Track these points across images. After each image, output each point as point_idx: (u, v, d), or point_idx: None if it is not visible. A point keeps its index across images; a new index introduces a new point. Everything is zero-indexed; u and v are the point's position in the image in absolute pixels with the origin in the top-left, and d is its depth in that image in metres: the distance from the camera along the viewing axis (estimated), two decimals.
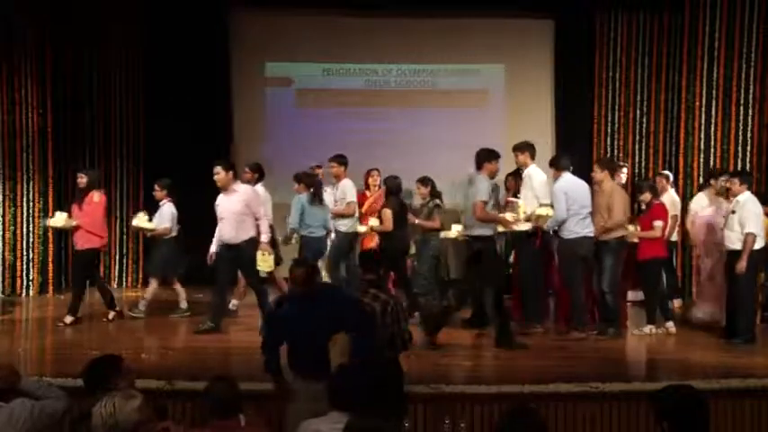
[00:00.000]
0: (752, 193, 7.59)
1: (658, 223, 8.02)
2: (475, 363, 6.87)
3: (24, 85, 9.89)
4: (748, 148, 9.84)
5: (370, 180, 9.73)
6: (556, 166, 7.96)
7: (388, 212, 8.55)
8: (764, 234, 7.59)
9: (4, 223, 9.94)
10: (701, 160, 9.92)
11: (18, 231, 9.98)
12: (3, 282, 10.03)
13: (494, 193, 7.53)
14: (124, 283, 10.98)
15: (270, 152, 11.50)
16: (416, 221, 8.81)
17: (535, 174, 8.08)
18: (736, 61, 9.76)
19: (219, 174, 7.73)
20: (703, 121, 9.91)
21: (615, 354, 7.25)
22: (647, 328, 7.98)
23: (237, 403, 3.90)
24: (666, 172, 9.79)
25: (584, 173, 10.80)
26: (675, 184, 9.78)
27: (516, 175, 10.37)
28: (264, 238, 7.68)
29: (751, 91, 9.78)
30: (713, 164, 9.87)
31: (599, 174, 7.91)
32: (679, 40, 10.48)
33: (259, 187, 8.85)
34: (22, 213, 10.00)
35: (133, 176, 11.17)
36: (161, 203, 8.84)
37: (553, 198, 7.77)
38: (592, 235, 7.71)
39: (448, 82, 11.62)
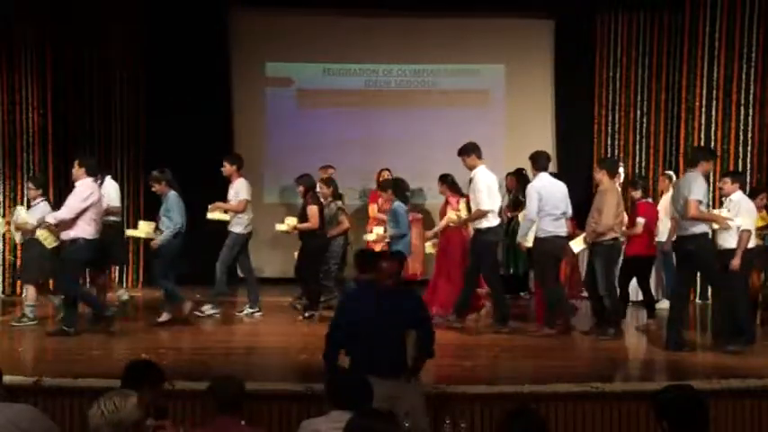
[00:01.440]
0: (753, 191, 7.62)
1: (640, 220, 8.14)
2: (475, 363, 6.86)
3: (24, 85, 9.89)
4: (748, 148, 9.83)
5: (381, 178, 9.70)
6: (534, 165, 7.97)
7: (314, 209, 8.55)
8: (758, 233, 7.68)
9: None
10: None
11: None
12: (3, 282, 10.03)
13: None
14: (124, 283, 10.96)
15: (270, 152, 11.52)
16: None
17: (482, 176, 8.05)
18: (736, 61, 9.75)
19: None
20: (703, 121, 9.91)
21: (615, 354, 7.25)
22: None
23: (241, 402, 3.92)
24: (670, 172, 9.80)
25: (585, 173, 10.88)
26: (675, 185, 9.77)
27: (516, 175, 10.43)
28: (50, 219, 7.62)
29: (751, 91, 9.78)
30: (713, 164, 9.85)
31: (598, 173, 7.93)
32: (679, 40, 10.48)
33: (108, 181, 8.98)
34: None
35: (133, 176, 11.17)
36: (34, 202, 8.47)
37: (527, 197, 7.84)
38: (565, 235, 7.79)
39: (448, 82, 11.62)
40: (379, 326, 4.81)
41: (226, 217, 8.71)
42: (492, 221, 7.96)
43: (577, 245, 7.92)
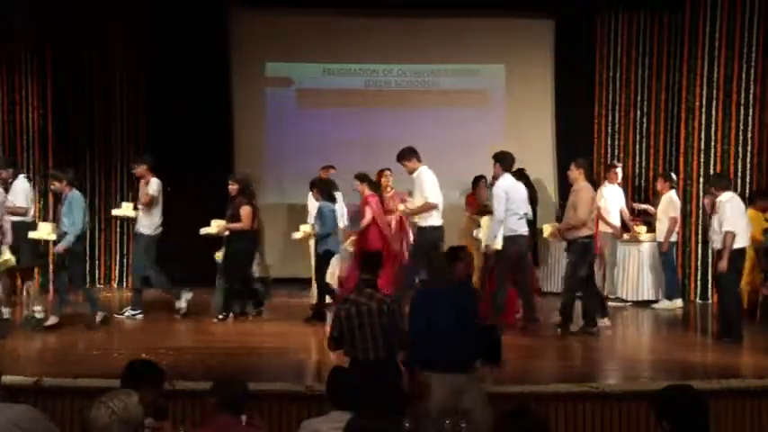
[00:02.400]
0: (753, 192, 7.62)
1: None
2: None
3: (24, 85, 9.89)
4: (748, 148, 9.82)
5: (383, 180, 9.70)
6: (502, 165, 8.01)
7: (248, 209, 8.41)
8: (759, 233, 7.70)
9: None
10: (701, 160, 9.90)
11: None
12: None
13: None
14: (124, 283, 10.97)
15: (270, 152, 11.52)
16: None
17: (426, 175, 8.18)
18: (736, 61, 9.75)
19: None
20: (703, 121, 9.90)
21: (615, 354, 7.25)
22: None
23: (244, 402, 3.92)
24: (671, 174, 9.79)
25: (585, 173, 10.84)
26: (675, 185, 9.77)
27: (518, 175, 10.41)
28: None
29: (751, 91, 9.77)
30: (713, 164, 9.87)
31: (573, 172, 8.03)
32: (679, 40, 10.47)
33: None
34: None
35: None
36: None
37: (494, 198, 7.89)
38: (527, 234, 7.97)
39: (448, 82, 11.61)
40: (450, 323, 4.90)
41: (131, 214, 8.61)
42: (437, 220, 8.11)
43: (546, 230, 8.26)
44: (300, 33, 11.30)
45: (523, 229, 7.88)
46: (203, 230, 8.59)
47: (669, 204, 9.49)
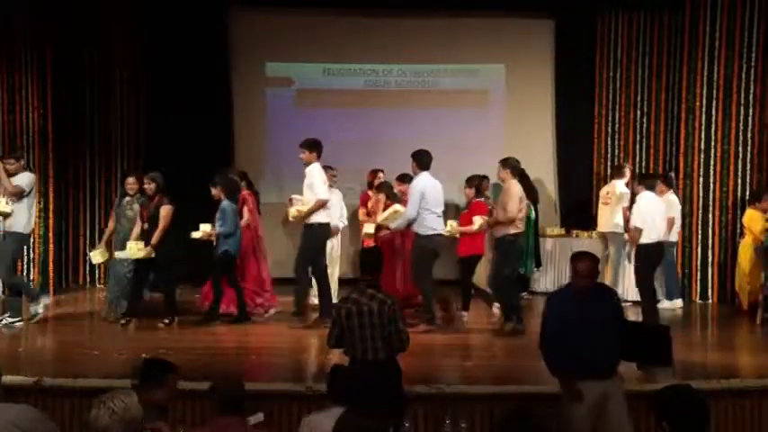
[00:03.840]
0: (754, 192, 7.62)
1: (478, 219, 8.32)
2: (475, 363, 6.87)
3: (24, 85, 9.88)
4: (748, 148, 9.82)
5: (376, 180, 9.70)
6: (418, 164, 8.04)
7: (168, 209, 8.14)
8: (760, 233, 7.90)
9: None
10: (701, 160, 9.90)
11: None
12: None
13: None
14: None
15: (270, 152, 11.52)
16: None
17: (318, 170, 8.22)
18: (736, 61, 9.74)
19: None
20: (703, 121, 9.89)
21: None
22: None
23: (242, 403, 3.92)
24: (670, 174, 9.78)
25: (585, 173, 10.87)
26: (675, 185, 9.77)
27: (519, 175, 10.42)
28: None
29: (751, 91, 9.76)
30: (713, 164, 9.87)
31: (501, 172, 8.09)
32: (679, 40, 10.47)
33: None
34: None
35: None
36: None
37: (410, 195, 7.98)
38: (444, 232, 8.05)
39: (448, 82, 11.60)
40: (583, 328, 4.76)
41: (7, 209, 7.87)
42: (325, 217, 8.19)
43: (476, 222, 8.31)
44: (300, 33, 11.30)
45: (440, 228, 7.99)
46: (193, 234, 8.48)
47: (668, 205, 9.49)
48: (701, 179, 9.86)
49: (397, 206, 8.48)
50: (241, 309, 8.34)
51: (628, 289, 9.70)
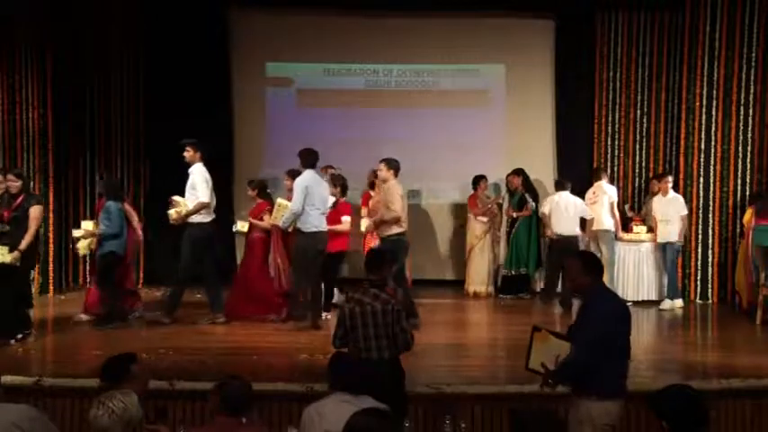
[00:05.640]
0: (755, 193, 7.69)
1: (346, 218, 8.72)
2: (475, 363, 6.87)
3: (24, 85, 9.88)
4: (748, 148, 9.82)
5: (376, 180, 9.68)
6: (302, 162, 8.11)
7: (38, 209, 7.47)
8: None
9: None
10: (701, 160, 9.90)
11: None
12: None
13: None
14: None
15: (270, 152, 11.51)
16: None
17: (201, 169, 8.25)
18: (736, 61, 9.74)
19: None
20: (703, 121, 9.89)
21: None
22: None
23: (247, 403, 3.91)
24: (668, 176, 9.76)
25: (585, 173, 10.86)
26: (675, 185, 9.77)
27: (518, 174, 10.45)
28: None
29: (751, 91, 9.76)
30: (713, 164, 9.87)
31: (384, 172, 8.17)
32: (679, 40, 10.48)
33: None
34: None
35: (134, 176, 11.18)
36: None
37: (294, 192, 8.02)
38: (326, 230, 8.12)
39: (448, 82, 11.60)
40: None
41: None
42: (206, 216, 8.20)
43: (364, 223, 8.81)
44: (300, 33, 11.30)
45: (323, 226, 8.06)
46: (74, 233, 8.42)
47: (680, 204, 9.57)
48: (701, 179, 9.86)
49: (280, 200, 8.52)
50: (111, 309, 8.06)
51: (627, 289, 9.74)
